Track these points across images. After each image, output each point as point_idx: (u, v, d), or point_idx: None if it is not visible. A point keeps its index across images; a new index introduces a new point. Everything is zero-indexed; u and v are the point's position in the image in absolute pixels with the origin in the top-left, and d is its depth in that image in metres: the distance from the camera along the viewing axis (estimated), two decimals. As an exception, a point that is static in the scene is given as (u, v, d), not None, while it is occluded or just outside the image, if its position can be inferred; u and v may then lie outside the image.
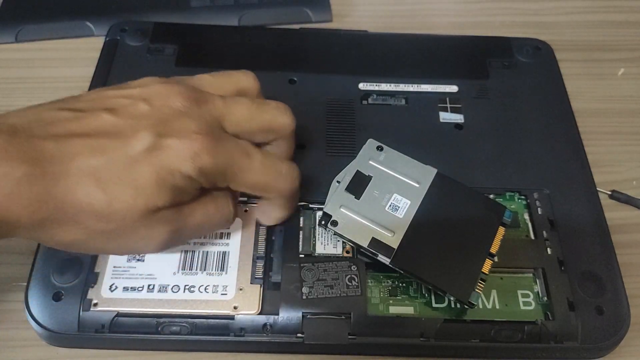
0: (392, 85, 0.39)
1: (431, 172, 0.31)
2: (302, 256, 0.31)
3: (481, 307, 0.30)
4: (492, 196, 0.33)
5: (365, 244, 0.29)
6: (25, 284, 0.30)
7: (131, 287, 0.29)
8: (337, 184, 0.31)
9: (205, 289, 0.30)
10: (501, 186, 0.34)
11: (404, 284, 0.30)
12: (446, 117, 0.37)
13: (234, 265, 0.30)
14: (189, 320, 0.29)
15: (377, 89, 0.39)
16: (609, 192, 0.37)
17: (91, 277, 0.30)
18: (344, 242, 0.31)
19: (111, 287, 0.29)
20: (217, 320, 0.29)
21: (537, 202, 0.33)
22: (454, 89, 0.39)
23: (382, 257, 0.28)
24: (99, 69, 0.39)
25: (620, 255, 0.32)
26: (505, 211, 0.30)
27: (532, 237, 0.32)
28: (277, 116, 0.28)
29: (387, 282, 0.30)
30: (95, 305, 0.29)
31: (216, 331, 0.29)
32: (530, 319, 0.29)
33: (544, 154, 0.36)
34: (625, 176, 0.38)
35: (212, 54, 0.40)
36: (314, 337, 0.29)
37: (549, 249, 0.32)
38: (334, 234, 0.29)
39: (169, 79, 0.28)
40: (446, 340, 0.29)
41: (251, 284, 0.30)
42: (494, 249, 0.29)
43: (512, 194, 0.34)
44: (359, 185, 0.30)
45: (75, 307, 0.29)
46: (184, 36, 0.41)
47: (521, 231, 0.33)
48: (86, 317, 0.29)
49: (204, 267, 0.30)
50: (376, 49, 0.41)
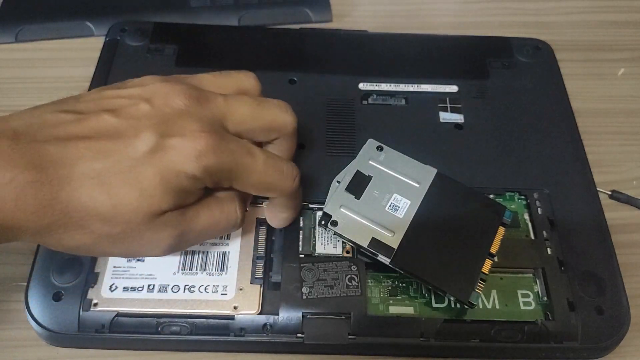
0: (392, 85, 0.39)
1: (431, 172, 0.31)
2: (302, 256, 0.31)
3: (481, 307, 0.30)
4: (492, 196, 0.33)
5: (365, 244, 0.29)
6: (25, 284, 0.30)
7: (131, 287, 0.29)
8: (337, 184, 0.31)
9: (205, 289, 0.30)
10: (501, 186, 0.34)
11: (404, 284, 0.30)
12: (446, 117, 0.37)
13: (234, 265, 0.30)
14: (189, 320, 0.29)
15: (377, 89, 0.39)
16: (609, 192, 0.37)
17: (91, 277, 0.30)
18: (344, 242, 0.31)
19: (111, 287, 0.29)
20: (217, 320, 0.29)
21: (537, 202, 0.33)
22: (454, 89, 0.39)
23: (382, 257, 0.28)
24: (99, 69, 0.39)
25: (620, 255, 0.32)
26: (505, 211, 0.30)
27: (532, 237, 0.32)
28: (278, 114, 0.28)
29: (387, 282, 0.30)
30: (95, 305, 0.29)
31: (216, 331, 0.29)
32: (530, 319, 0.29)
33: (544, 154, 0.36)
34: (625, 176, 0.38)
35: (212, 54, 0.40)
36: (314, 337, 0.29)
37: (549, 249, 0.32)
38: (334, 234, 0.29)
39: (169, 78, 0.28)
40: (446, 340, 0.29)
41: (251, 284, 0.30)
42: (494, 249, 0.29)
43: (512, 194, 0.34)
44: (359, 185, 0.30)
45: (75, 307, 0.29)
46: (184, 36, 0.41)
47: (521, 231, 0.33)
48: (86, 317, 0.29)
49: (204, 267, 0.30)
50: (376, 49, 0.41)
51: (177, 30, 0.42)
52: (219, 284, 0.30)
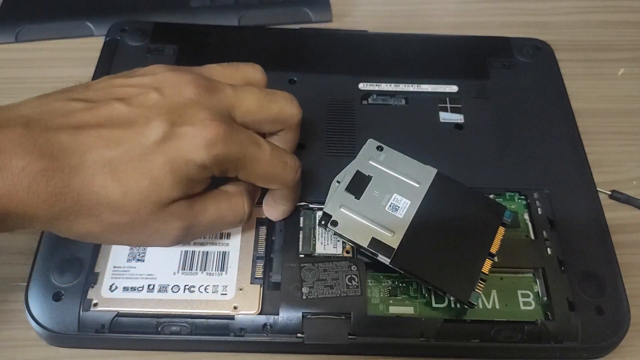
0: (392, 85, 0.39)
1: (431, 172, 0.31)
2: (302, 256, 0.31)
3: (481, 307, 0.30)
4: (492, 196, 0.33)
5: (365, 244, 0.29)
6: (25, 284, 0.30)
7: (131, 287, 0.29)
8: (337, 184, 0.31)
9: (205, 289, 0.30)
10: (501, 186, 0.34)
11: (404, 284, 0.30)
12: (446, 117, 0.37)
13: (234, 265, 0.30)
14: (189, 320, 0.29)
15: (377, 89, 0.39)
16: (609, 192, 0.37)
17: (91, 277, 0.30)
18: (344, 242, 0.31)
19: (111, 287, 0.29)
20: (217, 320, 0.29)
21: (537, 202, 0.33)
22: (454, 89, 0.39)
23: (382, 257, 0.28)
24: (99, 69, 0.39)
25: (620, 255, 0.32)
26: (505, 211, 0.30)
27: (532, 237, 0.32)
28: (285, 106, 0.29)
29: (387, 282, 0.30)
30: (95, 305, 0.29)
31: (216, 331, 0.29)
32: (530, 319, 0.29)
33: (544, 154, 0.36)
34: (625, 176, 0.38)
35: (212, 54, 0.40)
36: (314, 337, 0.29)
37: (549, 249, 0.32)
38: (334, 234, 0.29)
39: (178, 67, 0.28)
40: (446, 340, 0.29)
41: (251, 284, 0.30)
42: (494, 249, 0.29)
43: (512, 194, 0.34)
44: (359, 185, 0.30)
45: (75, 307, 0.29)
46: (184, 36, 0.41)
47: (521, 231, 0.33)
48: (86, 317, 0.29)
49: (204, 267, 0.30)
50: (376, 49, 0.41)
51: (177, 30, 0.42)
52: (219, 284, 0.30)
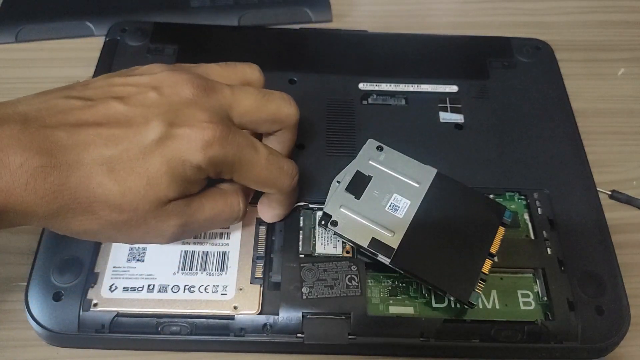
0: (392, 85, 0.39)
1: (431, 172, 0.31)
2: (302, 256, 0.31)
3: (481, 307, 0.30)
4: (492, 196, 0.33)
5: (365, 244, 0.29)
6: (25, 284, 0.30)
7: (131, 287, 0.29)
8: (337, 184, 0.31)
9: (205, 289, 0.30)
10: (501, 186, 0.34)
11: (404, 284, 0.30)
12: (446, 117, 0.37)
13: (233, 265, 0.30)
14: (189, 320, 0.29)
15: (377, 89, 0.39)
16: (609, 192, 0.37)
17: (91, 277, 0.30)
18: (344, 242, 0.31)
19: (111, 287, 0.29)
20: (217, 320, 0.29)
21: (537, 202, 0.33)
22: (454, 89, 0.39)
23: (382, 257, 0.28)
24: (99, 69, 0.39)
25: (620, 255, 0.32)
26: (505, 211, 0.30)
27: (532, 237, 0.32)
28: (282, 106, 0.29)
29: (387, 282, 0.30)
30: (95, 305, 0.29)
31: (216, 331, 0.29)
32: (530, 319, 0.29)
33: (544, 154, 0.36)
34: (625, 176, 0.38)
35: (212, 54, 0.40)
36: (314, 337, 0.29)
37: (549, 249, 0.32)
38: (334, 234, 0.29)
39: (176, 66, 0.28)
40: (446, 340, 0.29)
41: (251, 284, 0.30)
42: (494, 249, 0.29)
43: (512, 194, 0.34)
44: (359, 185, 0.30)
45: (75, 307, 0.29)
46: (184, 36, 0.41)
47: (521, 231, 0.33)
48: (86, 317, 0.29)
49: (203, 267, 0.30)
50: (376, 49, 0.41)
51: (177, 30, 0.42)
52: (219, 284, 0.30)
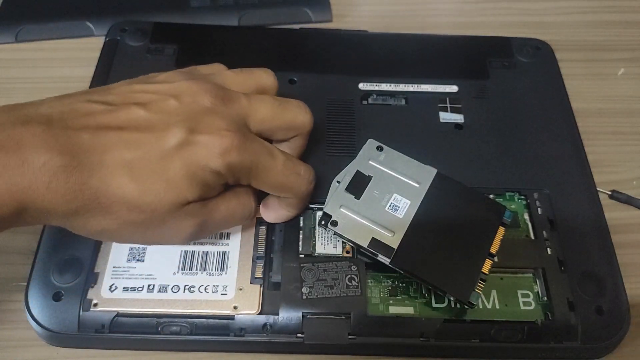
0: (392, 85, 0.39)
1: (431, 172, 0.31)
2: (302, 256, 0.31)
3: (481, 307, 0.30)
4: (492, 196, 0.33)
5: (365, 244, 0.29)
6: (25, 284, 0.30)
7: (131, 287, 0.29)
8: (337, 184, 0.31)
9: (205, 289, 0.30)
10: (501, 186, 0.34)
11: (404, 284, 0.30)
12: (446, 117, 0.37)
13: (233, 265, 0.30)
14: (189, 320, 0.29)
15: (377, 89, 0.39)
16: (609, 192, 0.37)
17: (91, 277, 0.30)
18: (344, 242, 0.31)
19: (111, 287, 0.29)
20: (217, 320, 0.29)
21: (537, 202, 0.33)
22: (454, 89, 0.39)
23: (382, 257, 0.28)
24: (99, 69, 0.39)
25: (620, 255, 0.32)
26: (505, 211, 0.30)
27: (532, 237, 0.32)
28: (298, 114, 0.29)
29: (387, 282, 0.30)
30: (95, 305, 0.29)
31: (216, 331, 0.29)
32: (530, 319, 0.29)
33: (544, 154, 0.36)
34: (625, 176, 0.38)
35: (212, 54, 0.40)
36: (314, 337, 0.29)
37: (549, 249, 0.32)
38: (334, 234, 0.29)
39: (195, 75, 0.29)
40: (446, 340, 0.29)
41: (251, 283, 0.30)
42: (494, 249, 0.29)
43: (512, 194, 0.34)
44: (359, 185, 0.30)
45: (75, 307, 0.29)
46: (184, 36, 0.41)
47: (521, 231, 0.33)
48: (86, 317, 0.29)
49: (203, 267, 0.30)
50: (376, 49, 0.41)
51: (177, 30, 0.42)
52: (219, 283, 0.30)
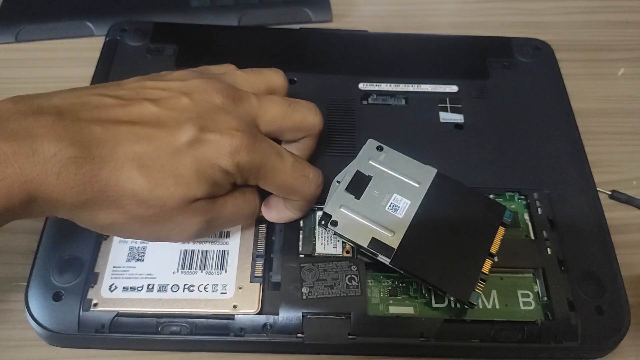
0: (392, 85, 0.39)
1: (431, 172, 0.31)
2: (302, 256, 0.31)
3: (481, 307, 0.30)
4: (492, 196, 0.33)
5: (365, 244, 0.29)
6: (25, 284, 0.30)
7: (131, 287, 0.29)
8: (337, 184, 0.31)
9: (204, 288, 0.30)
10: (501, 186, 0.34)
11: (404, 284, 0.30)
12: (446, 117, 0.37)
13: (233, 264, 0.30)
14: (189, 320, 0.29)
15: (377, 89, 0.39)
16: (609, 192, 0.37)
17: (91, 277, 0.30)
18: (344, 242, 0.31)
19: (111, 287, 0.29)
20: (217, 320, 0.29)
21: (537, 202, 0.33)
22: (454, 89, 0.39)
23: (382, 257, 0.28)
24: (99, 69, 0.39)
25: (620, 255, 0.32)
26: (505, 211, 0.30)
27: (532, 237, 0.32)
28: (307, 115, 0.30)
29: (387, 282, 0.30)
30: (95, 305, 0.29)
31: (216, 331, 0.29)
32: (530, 319, 0.29)
33: (544, 154, 0.36)
34: (625, 176, 0.38)
35: (212, 54, 0.40)
36: (314, 337, 0.29)
37: (549, 249, 0.32)
38: (334, 234, 0.29)
39: (205, 73, 0.29)
40: (446, 340, 0.29)
41: (251, 282, 0.30)
42: (494, 249, 0.29)
43: (512, 194, 0.34)
44: (359, 185, 0.30)
45: (75, 307, 0.29)
46: (184, 36, 0.41)
47: (521, 231, 0.33)
48: (86, 317, 0.29)
49: (203, 266, 0.30)
50: (376, 49, 0.41)
51: (177, 30, 0.42)
52: (219, 282, 0.30)
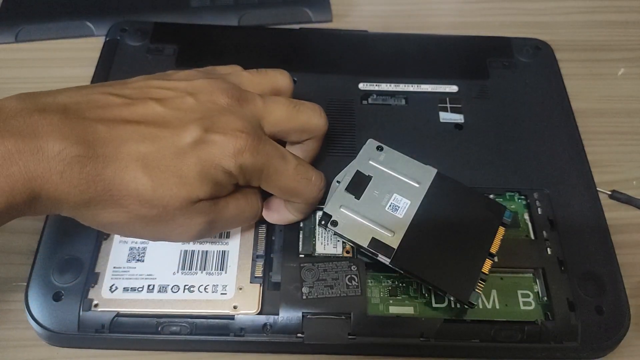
0: (392, 85, 0.39)
1: (431, 172, 0.31)
2: (302, 256, 0.31)
3: (481, 307, 0.30)
4: (492, 196, 0.33)
5: (365, 244, 0.29)
6: (25, 284, 0.30)
7: (131, 288, 0.29)
8: (337, 184, 0.31)
9: (204, 289, 0.30)
10: (501, 186, 0.34)
11: (404, 284, 0.30)
12: (446, 117, 0.37)
13: (233, 264, 0.30)
14: (189, 320, 0.29)
15: (377, 89, 0.39)
16: (609, 192, 0.37)
17: (91, 277, 0.30)
18: (344, 242, 0.31)
19: (111, 287, 0.29)
20: (217, 320, 0.29)
21: (537, 202, 0.33)
22: (454, 89, 0.39)
23: (382, 257, 0.28)
24: (99, 69, 0.39)
25: (620, 255, 0.32)
26: (505, 211, 0.30)
27: (532, 237, 0.32)
28: (312, 117, 0.29)
29: (387, 282, 0.30)
30: (95, 305, 0.29)
31: (216, 331, 0.29)
32: (530, 319, 0.29)
33: (544, 154, 0.36)
34: (625, 176, 0.38)
35: (212, 54, 0.40)
36: (314, 337, 0.29)
37: (549, 249, 0.32)
38: (334, 234, 0.29)
39: (210, 74, 0.29)
40: (446, 340, 0.29)
41: (251, 283, 0.30)
42: (494, 249, 0.29)
43: (512, 194, 0.34)
44: (359, 185, 0.30)
45: (75, 307, 0.29)
46: (184, 36, 0.41)
47: (521, 231, 0.33)
48: (86, 317, 0.29)
49: (203, 267, 0.30)
50: (376, 49, 0.41)
51: (177, 30, 0.42)
52: (219, 283, 0.30)
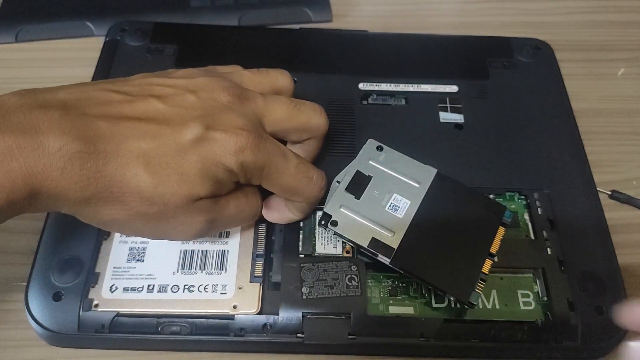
0: (392, 85, 0.39)
1: (431, 172, 0.31)
2: (302, 256, 0.31)
3: (481, 307, 0.30)
4: (492, 196, 0.33)
5: (365, 244, 0.29)
6: (25, 284, 0.30)
7: (131, 288, 0.29)
8: (337, 184, 0.31)
9: (204, 289, 0.30)
10: (501, 186, 0.34)
11: (404, 284, 0.30)
12: (446, 117, 0.37)
13: (233, 264, 0.30)
14: (189, 320, 0.29)
15: (377, 89, 0.39)
16: (609, 192, 0.37)
17: (91, 277, 0.30)
18: (344, 242, 0.31)
19: (111, 287, 0.29)
20: (217, 320, 0.29)
21: (537, 202, 0.33)
22: (454, 89, 0.39)
23: (382, 257, 0.28)
24: (99, 69, 0.39)
25: (620, 255, 0.32)
26: (505, 211, 0.30)
27: (532, 237, 0.32)
28: (312, 117, 0.29)
29: (387, 282, 0.30)
30: (96, 305, 0.29)
31: (216, 331, 0.29)
32: (530, 319, 0.29)
33: (544, 154, 0.36)
34: (625, 176, 0.38)
35: (212, 54, 0.40)
36: (314, 337, 0.29)
37: (549, 249, 0.32)
38: (334, 234, 0.29)
39: (211, 72, 0.29)
40: (446, 340, 0.29)
41: (250, 282, 0.30)
42: (494, 249, 0.29)
43: (512, 194, 0.34)
44: (359, 185, 0.30)
45: (75, 307, 0.29)
46: (184, 36, 0.41)
47: (521, 231, 0.33)
48: (86, 317, 0.29)
49: (203, 266, 0.30)
50: (376, 49, 0.41)
51: (177, 30, 0.42)
52: (219, 283, 0.30)
